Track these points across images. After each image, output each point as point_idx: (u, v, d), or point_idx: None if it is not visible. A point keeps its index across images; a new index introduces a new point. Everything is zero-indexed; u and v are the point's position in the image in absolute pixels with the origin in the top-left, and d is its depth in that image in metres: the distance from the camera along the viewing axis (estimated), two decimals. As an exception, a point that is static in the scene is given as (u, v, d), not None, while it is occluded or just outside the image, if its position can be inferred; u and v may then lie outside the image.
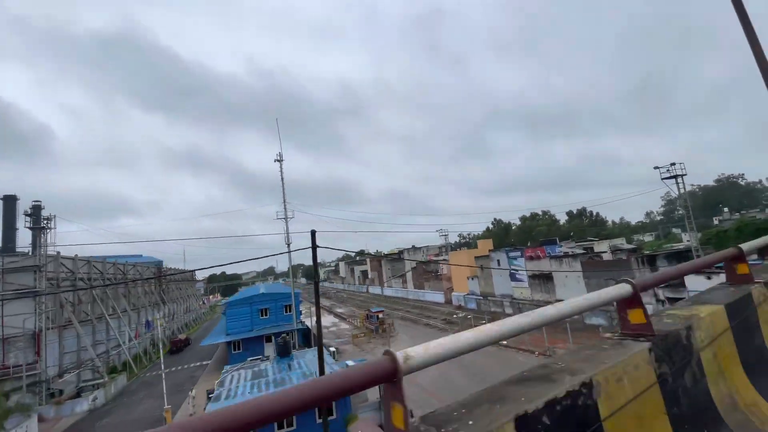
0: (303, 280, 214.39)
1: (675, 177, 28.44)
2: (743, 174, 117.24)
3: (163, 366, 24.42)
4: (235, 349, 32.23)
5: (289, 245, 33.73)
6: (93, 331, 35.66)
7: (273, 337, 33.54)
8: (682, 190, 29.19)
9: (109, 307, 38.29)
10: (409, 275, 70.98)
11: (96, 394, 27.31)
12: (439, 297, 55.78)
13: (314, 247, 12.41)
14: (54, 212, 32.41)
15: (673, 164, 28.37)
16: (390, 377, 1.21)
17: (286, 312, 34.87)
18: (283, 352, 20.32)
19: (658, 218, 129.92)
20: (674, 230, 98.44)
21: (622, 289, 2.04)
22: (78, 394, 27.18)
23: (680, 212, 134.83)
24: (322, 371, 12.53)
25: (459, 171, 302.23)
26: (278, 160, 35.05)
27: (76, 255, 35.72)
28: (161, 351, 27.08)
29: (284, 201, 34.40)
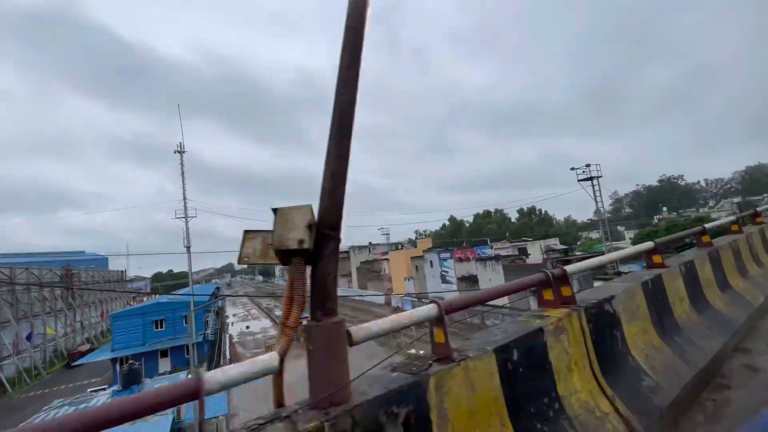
0: (260, 278, 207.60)
1: (590, 179, 27.62)
2: (682, 175, 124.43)
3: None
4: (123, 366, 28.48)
5: (188, 247, 30.31)
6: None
7: (169, 352, 30.08)
8: (598, 192, 28.46)
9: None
10: (354, 275, 68.70)
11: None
12: (381, 298, 54.00)
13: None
14: None
15: (588, 165, 27.51)
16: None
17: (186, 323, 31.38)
18: (130, 382, 17.16)
19: (607, 215, 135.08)
20: (619, 228, 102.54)
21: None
22: None
23: (627, 210, 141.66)
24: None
25: (424, 167, 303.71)
26: (179, 151, 31.30)
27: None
28: (59, 365, 22.85)
29: (184, 198, 30.76)
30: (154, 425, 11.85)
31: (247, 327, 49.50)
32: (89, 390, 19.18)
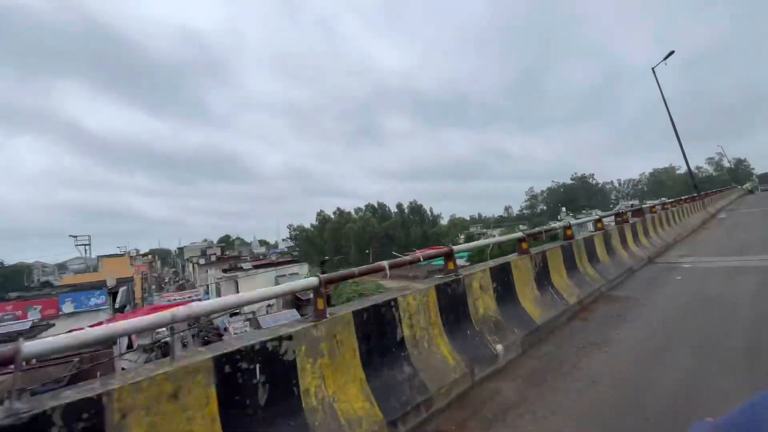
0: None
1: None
2: (593, 174, 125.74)
3: None
4: None
5: None
6: None
7: None
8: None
9: None
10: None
11: None
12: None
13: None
14: None
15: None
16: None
17: None
18: None
19: (523, 212, 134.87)
20: (521, 227, 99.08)
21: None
22: None
23: (542, 207, 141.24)
24: None
25: (361, 152, 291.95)
26: None
27: None
28: None
29: None
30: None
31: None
32: None
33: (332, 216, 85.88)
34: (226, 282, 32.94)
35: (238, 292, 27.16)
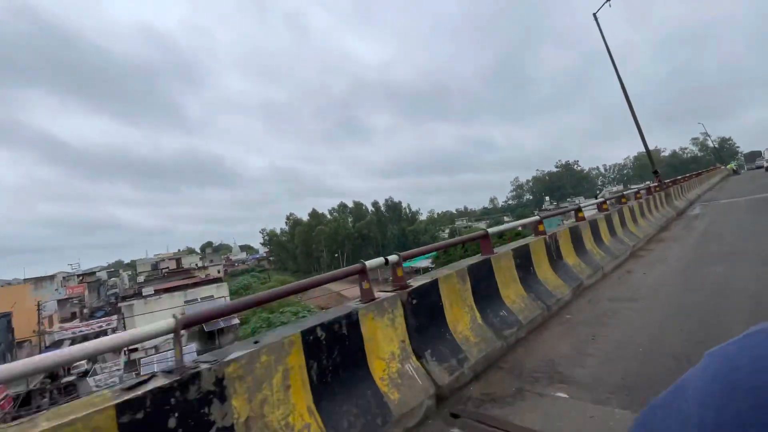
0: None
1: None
2: (578, 161, 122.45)
3: None
4: None
5: None
6: None
7: None
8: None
9: None
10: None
11: None
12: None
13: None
14: None
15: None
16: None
17: None
18: None
19: (508, 203, 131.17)
20: (505, 219, 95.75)
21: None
22: None
23: (528, 197, 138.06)
24: None
25: (347, 150, 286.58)
26: None
27: None
28: None
29: None
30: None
31: None
32: None
33: (307, 218, 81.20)
34: (147, 303, 28.66)
35: (125, 326, 22.99)
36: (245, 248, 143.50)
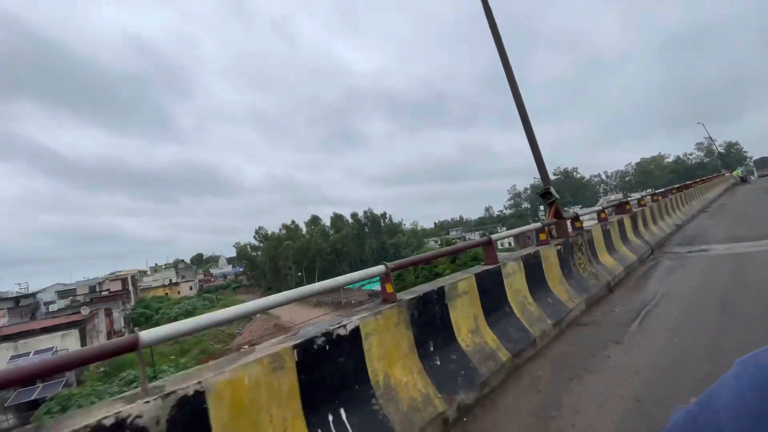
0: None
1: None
2: (576, 168, 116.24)
3: None
4: None
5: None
6: None
7: None
8: None
9: None
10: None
11: None
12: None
13: None
14: None
15: None
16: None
17: None
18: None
19: (503, 213, 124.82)
20: (499, 229, 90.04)
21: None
22: None
23: (525, 205, 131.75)
24: None
25: (346, 159, 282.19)
26: None
27: None
28: None
29: None
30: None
31: None
32: None
33: (280, 231, 75.91)
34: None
35: None
36: (233, 261, 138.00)
